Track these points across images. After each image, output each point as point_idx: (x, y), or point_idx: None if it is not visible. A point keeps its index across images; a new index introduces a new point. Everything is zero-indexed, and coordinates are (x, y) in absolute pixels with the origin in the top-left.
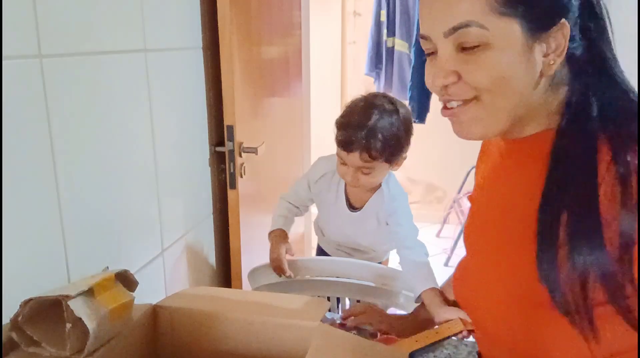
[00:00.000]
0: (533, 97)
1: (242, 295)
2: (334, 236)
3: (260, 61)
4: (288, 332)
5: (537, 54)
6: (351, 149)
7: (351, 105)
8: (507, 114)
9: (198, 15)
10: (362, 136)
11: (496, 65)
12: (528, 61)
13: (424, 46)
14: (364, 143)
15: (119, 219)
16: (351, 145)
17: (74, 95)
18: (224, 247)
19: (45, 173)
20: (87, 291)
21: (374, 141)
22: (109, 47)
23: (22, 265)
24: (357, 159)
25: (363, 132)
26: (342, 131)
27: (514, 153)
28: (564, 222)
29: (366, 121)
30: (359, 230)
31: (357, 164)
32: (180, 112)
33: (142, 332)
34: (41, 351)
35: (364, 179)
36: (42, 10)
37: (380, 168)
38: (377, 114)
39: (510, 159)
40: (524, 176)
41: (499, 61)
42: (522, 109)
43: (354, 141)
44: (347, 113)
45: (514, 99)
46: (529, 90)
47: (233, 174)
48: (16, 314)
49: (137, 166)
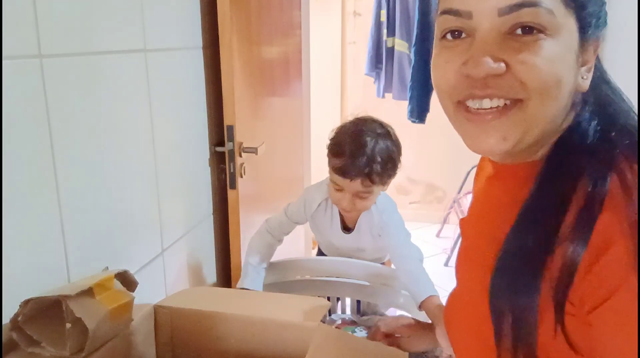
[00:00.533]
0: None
1: (242, 295)
2: (332, 253)
3: (260, 61)
4: (288, 332)
5: (590, 54)
6: (353, 176)
7: (342, 131)
8: (542, 126)
9: (198, 15)
10: (363, 162)
11: (556, 60)
12: (575, 65)
13: (453, 23)
14: (365, 170)
15: (119, 219)
16: (352, 173)
17: (74, 95)
18: (224, 247)
19: (45, 173)
20: (87, 291)
21: (375, 167)
22: (109, 47)
23: (22, 265)
24: (359, 186)
25: (363, 159)
26: (339, 158)
27: (500, 179)
28: (518, 257)
29: (363, 148)
30: (356, 246)
31: (357, 189)
32: (180, 112)
33: (142, 332)
34: (41, 351)
35: (360, 204)
36: (42, 10)
37: (377, 191)
38: (373, 140)
39: (496, 187)
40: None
41: (559, 56)
42: (553, 124)
43: (354, 169)
44: (341, 141)
45: (558, 108)
46: (565, 99)
47: (233, 174)
48: (16, 314)
49: (137, 166)
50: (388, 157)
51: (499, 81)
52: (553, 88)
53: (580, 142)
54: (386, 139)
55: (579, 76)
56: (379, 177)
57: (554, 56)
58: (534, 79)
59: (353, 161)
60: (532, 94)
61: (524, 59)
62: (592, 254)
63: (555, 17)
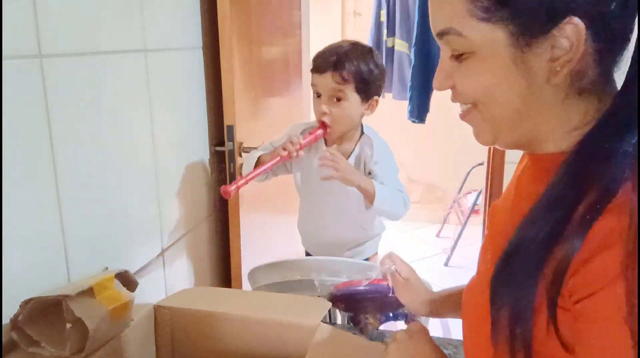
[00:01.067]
0: (543, 109)
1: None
2: (317, 220)
3: (260, 61)
4: (288, 332)
5: (535, 60)
6: (324, 69)
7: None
8: (507, 123)
9: (198, 15)
10: (334, 58)
11: (481, 74)
12: (520, 69)
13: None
14: (335, 64)
15: (119, 220)
16: (323, 65)
17: (74, 95)
18: (224, 247)
19: (45, 172)
20: (87, 291)
21: (345, 63)
22: (109, 47)
23: (22, 265)
24: (330, 81)
25: (335, 57)
26: (316, 59)
27: (530, 169)
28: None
29: (337, 48)
30: (341, 196)
31: (329, 86)
32: (180, 112)
33: (142, 332)
34: (41, 351)
35: (336, 111)
36: (42, 10)
37: (353, 100)
38: (350, 46)
39: (526, 176)
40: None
41: (484, 70)
42: (528, 120)
43: (325, 62)
44: (323, 48)
45: (510, 109)
46: (529, 100)
47: (233, 174)
48: (16, 314)
49: (137, 166)
50: (362, 62)
51: (456, 92)
52: (489, 96)
53: (602, 140)
54: (365, 50)
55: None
56: (350, 74)
57: (479, 70)
58: (469, 92)
59: (324, 56)
60: (477, 100)
61: (460, 77)
62: (587, 253)
63: (467, 39)
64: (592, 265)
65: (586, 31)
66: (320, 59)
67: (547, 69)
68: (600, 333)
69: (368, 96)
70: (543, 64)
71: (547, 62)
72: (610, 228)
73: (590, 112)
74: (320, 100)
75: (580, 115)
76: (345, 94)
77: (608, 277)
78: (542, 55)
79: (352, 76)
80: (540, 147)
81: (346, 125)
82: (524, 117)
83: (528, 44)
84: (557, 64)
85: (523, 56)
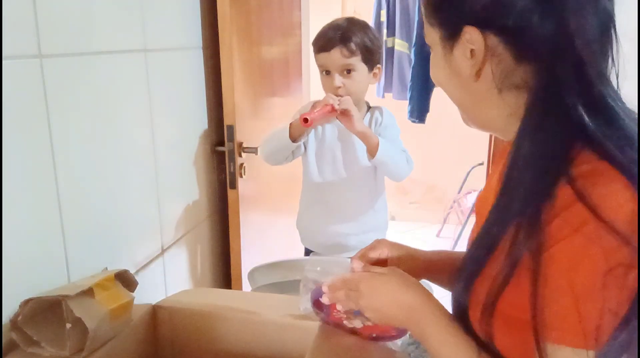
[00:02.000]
0: (481, 100)
1: (242, 295)
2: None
3: (260, 61)
4: (288, 332)
5: (457, 59)
6: (331, 46)
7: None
8: (463, 108)
9: (198, 15)
10: (339, 34)
11: (432, 69)
12: (450, 65)
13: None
14: (342, 39)
15: (119, 219)
16: (330, 43)
17: (74, 95)
18: (224, 247)
19: (45, 172)
20: (87, 291)
21: (352, 37)
22: (109, 47)
23: (22, 265)
24: (338, 56)
25: (339, 32)
26: (319, 39)
27: (500, 157)
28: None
29: (340, 25)
30: (355, 160)
31: (338, 62)
32: (180, 112)
33: (142, 332)
34: (41, 351)
35: (349, 82)
36: (42, 10)
37: (361, 71)
38: (347, 21)
39: (497, 164)
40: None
41: (432, 65)
42: (474, 107)
43: (332, 40)
44: (322, 29)
45: (456, 96)
46: (466, 91)
47: (233, 174)
48: (16, 314)
49: (137, 166)
50: (364, 33)
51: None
52: (438, 83)
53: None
54: (362, 24)
55: (467, 68)
56: (357, 46)
57: (432, 62)
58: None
59: (328, 34)
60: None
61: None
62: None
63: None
64: (557, 220)
65: (495, 38)
66: (325, 38)
67: (469, 68)
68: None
69: (373, 64)
70: (465, 63)
71: (468, 61)
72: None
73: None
74: (330, 76)
75: (518, 107)
76: (354, 65)
77: (570, 227)
78: (462, 56)
79: (359, 48)
80: (503, 134)
81: (358, 94)
82: (470, 105)
83: (450, 46)
84: (473, 64)
85: (449, 55)
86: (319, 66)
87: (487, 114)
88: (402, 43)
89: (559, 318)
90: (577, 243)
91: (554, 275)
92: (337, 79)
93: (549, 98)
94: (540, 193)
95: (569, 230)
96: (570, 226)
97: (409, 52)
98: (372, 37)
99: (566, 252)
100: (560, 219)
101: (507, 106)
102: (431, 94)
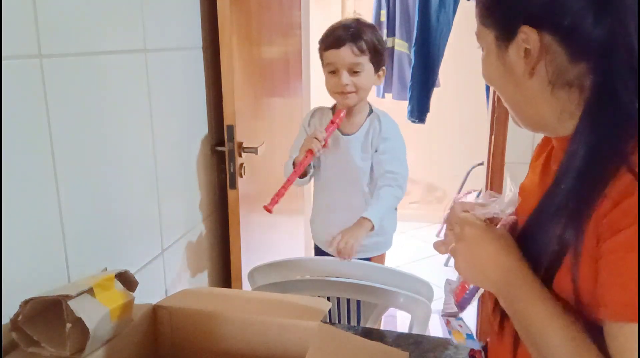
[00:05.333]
0: (534, 98)
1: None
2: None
3: (260, 61)
4: (288, 332)
5: (514, 59)
6: (343, 43)
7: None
8: (515, 108)
9: (198, 15)
10: (350, 32)
11: (485, 69)
12: (504, 65)
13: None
14: (353, 37)
15: (119, 219)
16: (342, 40)
17: (74, 95)
18: (224, 247)
19: (45, 172)
20: (87, 291)
21: (363, 35)
22: (109, 47)
23: (22, 265)
24: (349, 54)
25: (351, 30)
26: (329, 37)
27: (555, 150)
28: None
29: (350, 24)
30: (350, 162)
31: (349, 60)
32: (180, 112)
33: (142, 332)
34: (41, 351)
35: (356, 80)
36: (42, 10)
37: (368, 71)
38: (356, 22)
39: (552, 157)
40: (546, 180)
41: (486, 65)
42: (527, 105)
43: (343, 37)
44: (329, 28)
45: (509, 96)
46: (519, 89)
47: (233, 174)
48: (16, 314)
49: (137, 166)
50: (372, 33)
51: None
52: (491, 84)
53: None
54: (368, 25)
55: (522, 67)
56: (367, 45)
57: (484, 64)
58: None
59: (338, 31)
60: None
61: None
62: (609, 204)
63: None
64: (616, 211)
65: (550, 37)
66: (334, 35)
67: (523, 66)
68: (624, 264)
69: (379, 65)
70: (519, 62)
71: (522, 60)
72: (626, 182)
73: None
74: (336, 75)
75: (572, 104)
76: (362, 64)
77: (631, 218)
78: (516, 55)
79: (368, 47)
80: (555, 131)
81: (363, 95)
82: (522, 103)
83: (505, 45)
84: (528, 62)
85: (504, 55)
86: (327, 64)
87: (538, 112)
88: (402, 43)
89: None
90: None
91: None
92: (344, 77)
93: (605, 95)
94: (600, 180)
95: (628, 221)
96: (627, 217)
97: (409, 52)
98: (380, 39)
99: (627, 240)
100: (620, 208)
101: (559, 103)
102: (431, 94)
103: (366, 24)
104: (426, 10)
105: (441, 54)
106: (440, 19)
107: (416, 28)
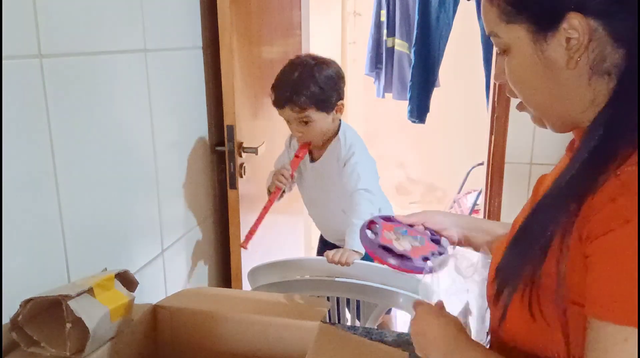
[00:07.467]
0: (571, 91)
1: (242, 295)
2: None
3: (260, 61)
4: (288, 332)
5: (553, 50)
6: (282, 105)
7: (281, 69)
8: (546, 108)
9: (198, 15)
10: (287, 92)
11: (513, 69)
12: (542, 59)
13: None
14: (290, 98)
15: (119, 220)
16: (279, 102)
17: (74, 95)
18: (224, 247)
19: (45, 172)
20: (87, 291)
21: (298, 94)
22: (109, 47)
23: (22, 265)
24: (291, 113)
25: (288, 90)
26: (273, 92)
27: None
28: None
29: (288, 78)
30: (323, 189)
31: (293, 117)
32: (180, 112)
33: (142, 332)
34: (41, 351)
35: (307, 130)
36: (42, 10)
37: (318, 117)
38: (299, 70)
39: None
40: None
41: (514, 65)
42: (561, 102)
43: (281, 98)
44: (276, 77)
45: (543, 95)
46: (556, 84)
47: (233, 174)
48: (16, 314)
49: (137, 166)
50: (313, 83)
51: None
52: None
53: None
54: (313, 69)
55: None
56: (306, 102)
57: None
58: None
59: (278, 92)
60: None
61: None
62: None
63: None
64: (610, 207)
65: (595, 22)
66: (275, 94)
67: (565, 56)
68: (613, 268)
69: (331, 107)
70: (561, 52)
71: (564, 50)
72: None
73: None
74: (292, 124)
75: (602, 94)
76: (309, 116)
77: (627, 216)
78: (557, 45)
79: (309, 102)
80: (579, 123)
81: (322, 137)
82: (556, 100)
83: (544, 38)
84: (571, 51)
85: (542, 48)
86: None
87: (567, 105)
88: (402, 43)
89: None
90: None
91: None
92: (295, 129)
93: (631, 84)
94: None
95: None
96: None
97: (409, 52)
98: (325, 82)
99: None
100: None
101: (593, 93)
102: (431, 94)
103: (308, 69)
104: (426, 11)
105: (441, 54)
106: (440, 19)
107: (416, 28)
